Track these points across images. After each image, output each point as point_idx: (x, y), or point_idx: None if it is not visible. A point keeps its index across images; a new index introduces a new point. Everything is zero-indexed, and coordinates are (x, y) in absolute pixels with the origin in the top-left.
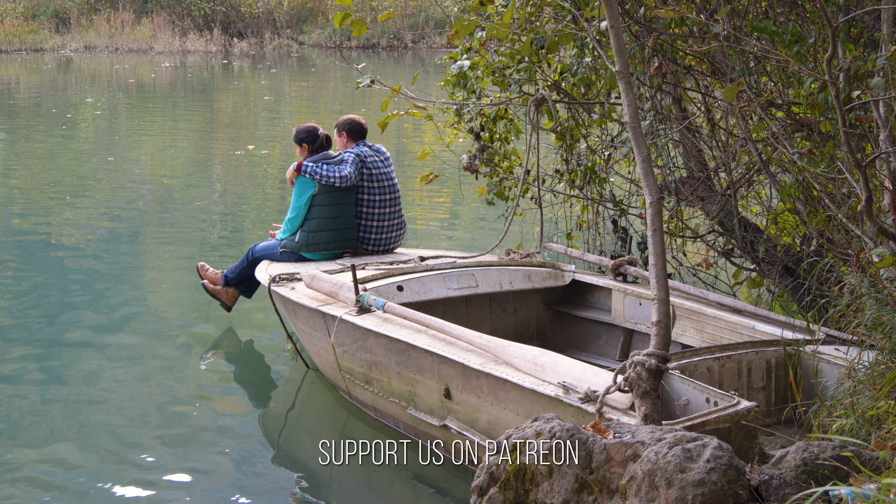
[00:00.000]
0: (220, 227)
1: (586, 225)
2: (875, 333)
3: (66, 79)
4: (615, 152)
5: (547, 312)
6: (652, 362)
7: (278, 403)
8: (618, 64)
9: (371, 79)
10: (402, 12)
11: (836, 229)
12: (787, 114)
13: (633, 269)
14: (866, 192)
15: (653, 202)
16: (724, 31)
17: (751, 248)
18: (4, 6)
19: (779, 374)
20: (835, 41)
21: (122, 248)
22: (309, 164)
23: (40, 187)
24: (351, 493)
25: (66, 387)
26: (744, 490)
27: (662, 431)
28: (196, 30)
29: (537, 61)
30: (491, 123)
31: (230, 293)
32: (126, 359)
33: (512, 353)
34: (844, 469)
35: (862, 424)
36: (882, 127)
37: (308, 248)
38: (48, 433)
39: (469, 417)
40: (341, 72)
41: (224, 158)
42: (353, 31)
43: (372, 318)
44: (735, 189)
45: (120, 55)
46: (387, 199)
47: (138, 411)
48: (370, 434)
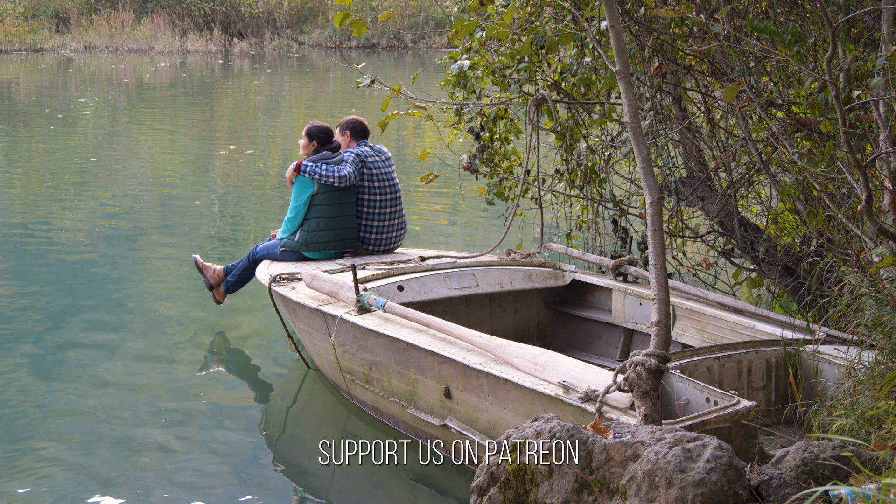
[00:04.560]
0: (218, 224)
1: (586, 225)
2: (875, 333)
3: (63, 78)
4: (615, 152)
5: (547, 312)
6: (652, 362)
7: (278, 403)
8: (618, 64)
9: (371, 79)
10: (402, 12)
11: (836, 229)
12: (787, 114)
13: (634, 269)
14: (866, 192)
15: (653, 202)
16: (724, 31)
17: (751, 248)
18: (4, 6)
19: (779, 373)
20: (835, 41)
21: (120, 247)
22: (308, 163)
23: (31, 186)
24: (351, 493)
25: (65, 387)
26: (744, 490)
27: (662, 431)
28: (196, 30)
29: (537, 61)
30: (491, 123)
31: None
32: (125, 358)
33: (512, 352)
34: (844, 469)
35: (862, 424)
36: (882, 127)
37: (308, 248)
38: (47, 432)
39: (469, 417)
40: (338, 72)
41: (209, 158)
42: (353, 31)
43: (372, 318)
44: (735, 189)
45: (120, 55)
46: (387, 199)
47: (137, 410)
48: (370, 434)
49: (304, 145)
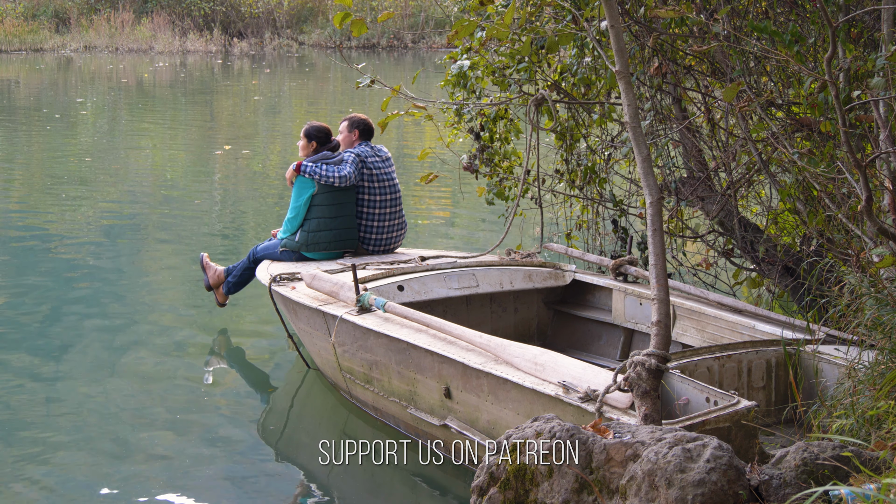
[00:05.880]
0: (218, 224)
1: (586, 225)
2: (875, 333)
3: (62, 78)
4: (615, 152)
5: (547, 312)
6: (652, 362)
7: (278, 403)
8: (618, 64)
9: (371, 79)
10: (402, 12)
11: (836, 229)
12: (787, 114)
13: (634, 269)
14: (866, 192)
15: (653, 202)
16: (724, 31)
17: (751, 248)
18: (4, 6)
19: (779, 373)
20: (835, 41)
21: (120, 247)
22: (308, 164)
23: (29, 186)
24: (351, 492)
25: (65, 387)
26: (744, 490)
27: (662, 431)
28: (196, 30)
29: (537, 61)
30: (491, 123)
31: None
32: (125, 358)
33: (512, 352)
34: (844, 469)
35: (862, 424)
36: (882, 127)
37: (308, 248)
38: (47, 432)
39: (469, 417)
40: (337, 72)
41: (208, 158)
42: (353, 31)
43: (372, 318)
44: (735, 189)
45: (120, 55)
46: (387, 199)
47: (137, 410)
48: (370, 433)
49: (303, 146)
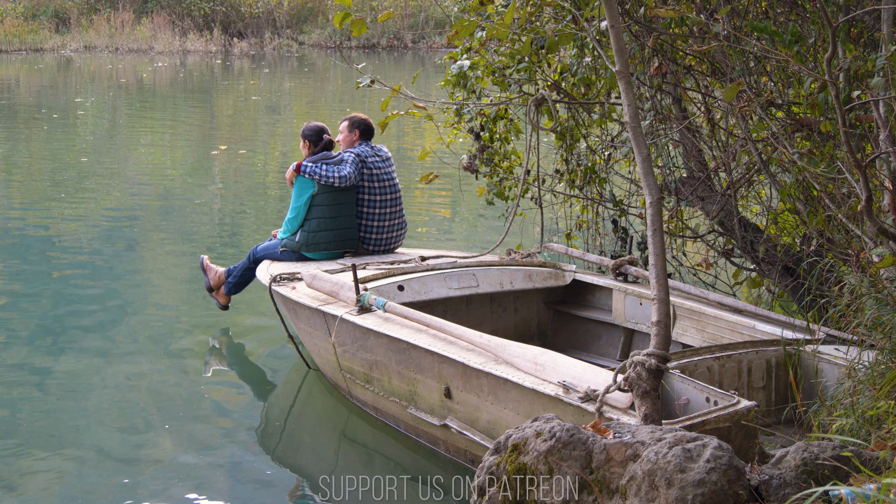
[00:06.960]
0: (218, 224)
1: (586, 225)
2: (875, 333)
3: (62, 78)
4: (615, 152)
5: (547, 312)
6: (652, 362)
7: (278, 403)
8: (618, 64)
9: (371, 79)
10: (402, 12)
11: (836, 229)
12: (787, 114)
13: (634, 269)
14: (866, 192)
15: (653, 202)
16: (724, 31)
17: (751, 248)
18: (4, 6)
19: (779, 373)
20: (835, 41)
21: (119, 247)
22: (308, 164)
23: (28, 185)
24: (351, 492)
25: (65, 387)
26: (744, 490)
27: (662, 431)
28: (196, 30)
29: (537, 61)
30: (491, 123)
31: (220, 291)
32: (125, 358)
33: (512, 352)
34: (844, 469)
35: (862, 424)
36: (882, 127)
37: (308, 248)
38: (47, 432)
39: (469, 417)
40: (337, 71)
41: (207, 158)
42: (353, 31)
43: (372, 318)
44: (735, 189)
45: (120, 55)
46: (388, 199)
47: (137, 411)
48: (371, 434)
49: (302, 146)
